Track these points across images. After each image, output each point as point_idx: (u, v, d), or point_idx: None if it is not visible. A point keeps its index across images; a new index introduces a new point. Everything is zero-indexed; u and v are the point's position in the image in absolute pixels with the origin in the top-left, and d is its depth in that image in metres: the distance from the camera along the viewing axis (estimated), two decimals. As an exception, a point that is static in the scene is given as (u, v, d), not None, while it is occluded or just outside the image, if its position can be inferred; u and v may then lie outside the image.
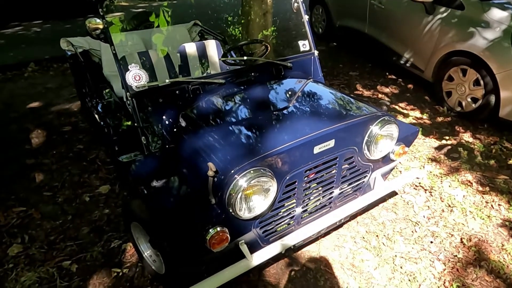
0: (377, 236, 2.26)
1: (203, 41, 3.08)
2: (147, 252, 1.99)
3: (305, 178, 1.66)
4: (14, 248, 2.24)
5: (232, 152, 1.51)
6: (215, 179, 1.42)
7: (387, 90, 4.28)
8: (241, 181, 1.40)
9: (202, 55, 3.03)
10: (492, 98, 3.26)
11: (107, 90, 3.03)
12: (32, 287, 1.98)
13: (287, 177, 1.57)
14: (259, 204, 1.48)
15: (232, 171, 1.41)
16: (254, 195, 1.45)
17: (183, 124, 1.83)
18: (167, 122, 1.89)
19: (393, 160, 2.02)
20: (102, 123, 2.93)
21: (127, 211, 1.91)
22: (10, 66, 5.69)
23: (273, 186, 1.48)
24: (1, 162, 3.18)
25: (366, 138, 1.77)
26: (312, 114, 1.77)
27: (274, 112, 1.81)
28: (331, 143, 1.62)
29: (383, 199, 2.53)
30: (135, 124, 1.89)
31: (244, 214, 1.46)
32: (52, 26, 8.59)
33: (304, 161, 1.59)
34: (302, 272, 2.03)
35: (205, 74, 2.78)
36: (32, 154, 3.29)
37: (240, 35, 4.83)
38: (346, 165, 1.81)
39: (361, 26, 4.88)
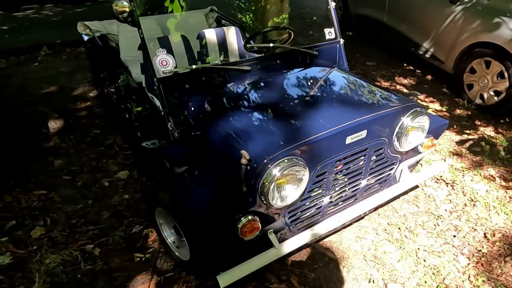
0: (399, 228, 2.25)
1: (223, 28, 3.02)
2: (171, 239, 2.00)
3: (335, 169, 1.63)
4: (37, 230, 2.26)
5: (265, 140, 1.49)
6: (248, 167, 1.40)
7: (405, 81, 4.20)
8: (275, 170, 1.38)
9: (222, 41, 2.97)
10: (516, 92, 3.19)
11: (124, 76, 3.00)
12: (56, 269, 1.99)
13: (318, 167, 1.54)
14: (291, 193, 1.46)
15: (266, 160, 1.39)
16: (286, 184, 1.44)
17: (210, 110, 1.80)
18: (192, 108, 1.86)
19: (420, 153, 1.99)
20: (121, 108, 2.92)
21: (152, 197, 1.90)
22: (23, 50, 5.66)
23: (305, 175, 1.46)
24: (17, 142, 3.19)
25: (397, 129, 1.73)
26: (343, 104, 1.74)
27: (304, 100, 1.77)
28: (363, 134, 1.59)
29: (404, 192, 2.50)
30: (161, 110, 1.87)
31: (277, 203, 1.44)
32: (63, 10, 8.53)
33: (336, 151, 1.56)
34: (325, 262, 2.02)
35: (224, 61, 2.74)
36: (49, 137, 3.30)
37: (253, 22, 4.75)
38: (374, 157, 1.78)
39: (380, 15, 4.77)
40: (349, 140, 1.56)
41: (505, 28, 3.19)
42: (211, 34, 2.91)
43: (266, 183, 1.39)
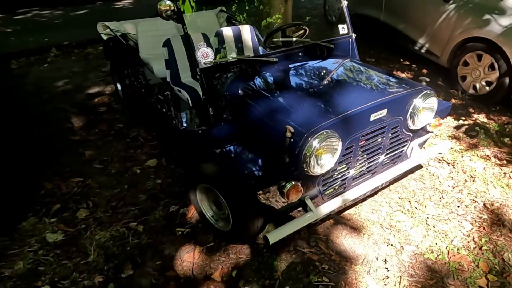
0: (409, 201, 2.52)
1: (238, 26, 3.27)
2: (210, 213, 2.23)
3: (360, 143, 1.89)
4: (82, 212, 2.46)
5: (303, 117, 1.73)
6: (291, 140, 1.64)
7: (403, 75, 4.51)
8: (315, 142, 1.63)
9: (238, 38, 3.22)
10: (506, 81, 3.51)
11: (147, 71, 3.22)
12: (107, 243, 2.21)
13: (347, 141, 1.80)
14: (328, 161, 1.71)
15: (307, 134, 1.63)
16: (324, 154, 1.68)
17: (247, 95, 2.04)
18: (230, 94, 2.10)
19: (428, 132, 2.26)
20: (149, 101, 3.13)
21: (194, 175, 2.13)
22: (32, 51, 5.82)
23: (339, 146, 1.71)
24: (45, 138, 3.37)
25: (410, 109, 2.00)
26: (365, 87, 2.00)
27: (330, 84, 2.03)
28: (384, 112, 1.85)
29: (411, 171, 2.78)
30: (203, 97, 2.10)
31: (316, 170, 1.69)
32: (63, 13, 8.67)
33: (362, 126, 1.82)
34: (348, 230, 2.28)
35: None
36: (75, 132, 3.49)
37: (260, 21, 5.00)
38: (391, 134, 2.05)
39: (377, 14, 5.08)
40: (373, 117, 1.82)
41: (495, 24, 3.51)
42: (228, 32, 3.16)
43: (308, 154, 1.64)
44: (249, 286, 1.92)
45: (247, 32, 3.26)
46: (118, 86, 4.03)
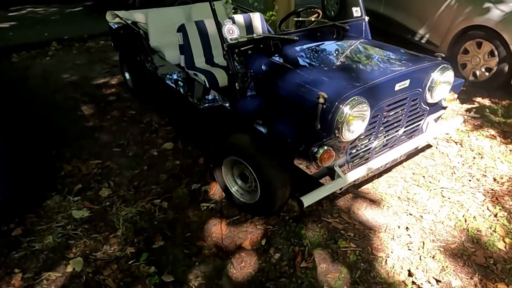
0: (423, 176, 2.62)
1: (249, 14, 3.35)
2: (235, 188, 2.28)
3: (384, 113, 1.98)
4: (105, 191, 2.49)
5: (334, 86, 1.81)
6: (324, 106, 1.72)
7: (404, 64, 4.64)
8: (346, 108, 1.70)
9: (248, 25, 3.30)
10: (506, 67, 3.66)
11: (159, 59, 3.26)
12: (134, 218, 2.24)
13: (374, 109, 1.88)
14: (358, 127, 1.78)
15: (339, 100, 1.71)
16: (355, 120, 1.76)
17: (271, 71, 2.11)
18: (254, 71, 2.16)
19: (443, 107, 2.37)
20: (164, 86, 3.17)
21: (222, 149, 2.18)
22: (32, 45, 5.77)
23: (368, 112, 1.79)
24: (59, 125, 3.38)
25: (428, 83, 2.10)
26: (387, 60, 2.10)
27: (353, 59, 2.12)
28: (407, 83, 1.94)
29: (421, 149, 2.88)
30: (229, 73, 2.15)
31: (348, 136, 1.77)
32: (58, 10, 8.60)
33: (387, 95, 1.90)
34: (367, 203, 2.36)
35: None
36: (88, 119, 3.50)
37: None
38: (410, 107, 2.14)
39: (376, 7, 5.21)
40: (397, 87, 1.91)
41: (494, 12, 3.66)
42: (239, 19, 3.24)
43: (340, 120, 1.71)
44: (280, 252, 1.98)
45: (257, 19, 3.34)
46: (127, 75, 4.05)
